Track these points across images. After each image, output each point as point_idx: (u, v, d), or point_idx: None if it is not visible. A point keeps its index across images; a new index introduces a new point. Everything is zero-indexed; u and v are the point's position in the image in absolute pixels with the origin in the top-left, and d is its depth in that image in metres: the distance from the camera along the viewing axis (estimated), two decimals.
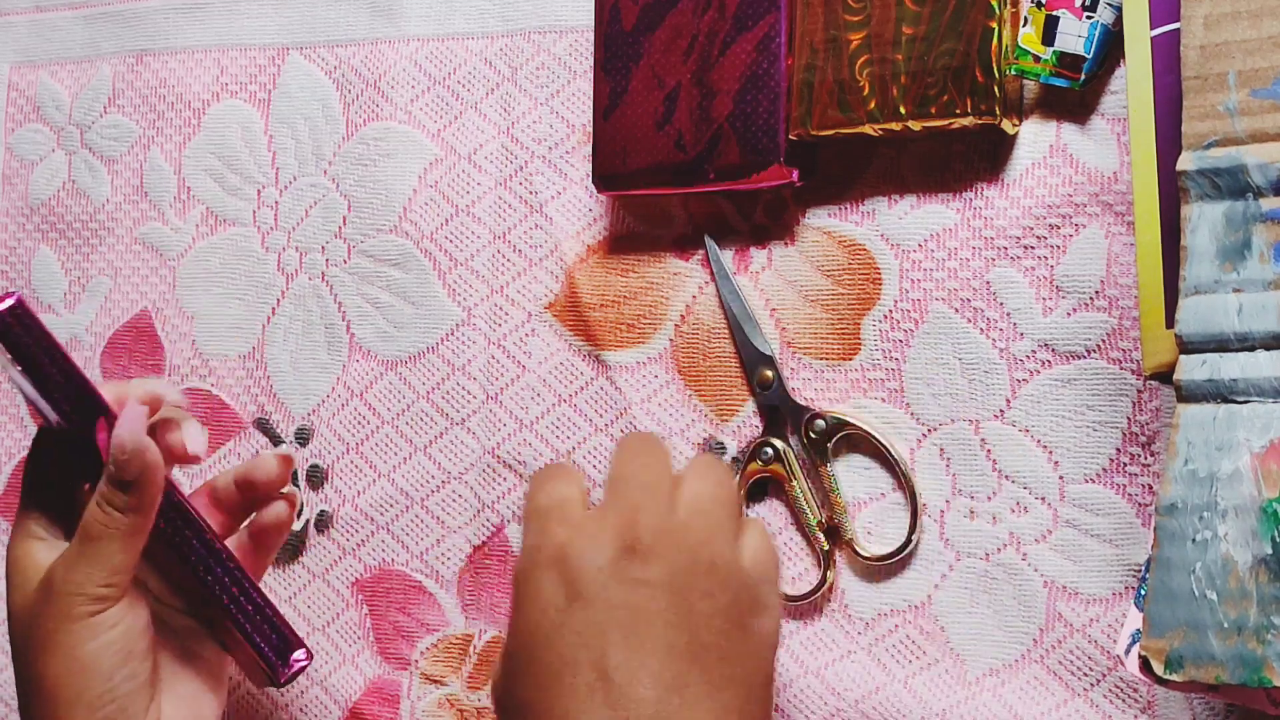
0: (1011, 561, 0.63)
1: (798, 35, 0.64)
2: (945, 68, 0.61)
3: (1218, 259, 0.51)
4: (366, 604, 0.74)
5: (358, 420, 0.75)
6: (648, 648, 0.50)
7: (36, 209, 0.83)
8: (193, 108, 0.80)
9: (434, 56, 0.75)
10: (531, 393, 0.72)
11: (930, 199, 0.65)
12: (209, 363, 0.78)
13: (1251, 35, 0.51)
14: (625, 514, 0.52)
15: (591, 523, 0.53)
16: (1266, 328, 0.49)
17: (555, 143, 0.72)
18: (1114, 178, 0.62)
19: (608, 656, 0.50)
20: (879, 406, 0.65)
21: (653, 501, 0.53)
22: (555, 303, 0.72)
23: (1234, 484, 0.49)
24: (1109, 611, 0.61)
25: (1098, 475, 0.62)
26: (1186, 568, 0.50)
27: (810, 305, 0.67)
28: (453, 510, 0.73)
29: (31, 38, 0.84)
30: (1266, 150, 0.50)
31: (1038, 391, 0.63)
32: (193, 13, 0.81)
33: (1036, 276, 0.63)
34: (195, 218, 0.79)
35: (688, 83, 0.66)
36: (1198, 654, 0.49)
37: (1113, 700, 0.61)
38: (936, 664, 0.64)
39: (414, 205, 0.74)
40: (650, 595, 0.51)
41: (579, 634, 0.51)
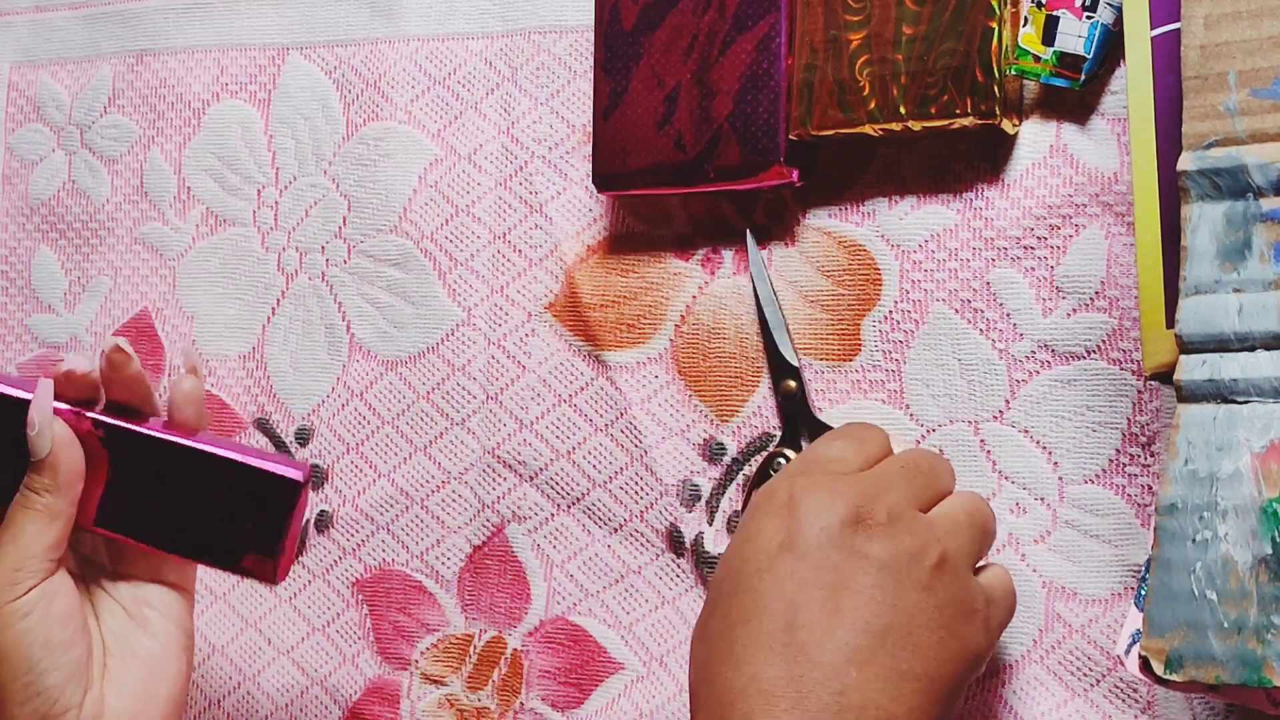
0: (1010, 562, 0.63)
1: (798, 35, 0.64)
2: (945, 68, 0.61)
3: (1218, 259, 0.50)
4: (367, 604, 0.74)
5: (358, 420, 0.75)
6: (843, 616, 0.51)
7: (36, 209, 0.83)
8: (193, 108, 0.80)
9: (434, 56, 0.75)
10: (531, 393, 0.72)
11: (930, 199, 0.65)
12: (209, 363, 0.78)
13: (1251, 35, 0.51)
14: (875, 487, 0.53)
15: (838, 483, 0.53)
16: (1266, 328, 0.49)
17: (555, 143, 0.72)
18: (1114, 178, 0.62)
19: (800, 612, 0.51)
20: (879, 407, 0.65)
21: (908, 489, 0.54)
22: (555, 303, 0.72)
23: (1234, 484, 0.49)
24: (1109, 612, 0.61)
25: (1097, 476, 0.62)
26: (1186, 568, 0.50)
27: (810, 306, 0.67)
28: (453, 510, 0.73)
29: (31, 38, 0.84)
30: (1267, 150, 0.50)
31: (1037, 392, 0.63)
32: (193, 13, 0.81)
33: (1036, 277, 0.63)
34: (195, 218, 0.79)
35: (688, 83, 0.66)
36: (1198, 654, 0.49)
37: (1113, 700, 0.61)
38: None
39: (414, 205, 0.74)
40: (862, 568, 0.51)
41: (780, 582, 0.51)
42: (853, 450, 0.57)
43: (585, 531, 0.70)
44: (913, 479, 0.55)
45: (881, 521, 0.52)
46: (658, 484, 0.69)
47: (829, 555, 0.52)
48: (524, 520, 0.71)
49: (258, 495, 0.62)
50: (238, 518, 0.63)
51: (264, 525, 0.63)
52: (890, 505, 0.53)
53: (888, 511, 0.53)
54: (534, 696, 0.71)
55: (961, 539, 0.54)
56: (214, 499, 0.63)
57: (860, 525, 0.52)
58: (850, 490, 0.53)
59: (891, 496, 0.54)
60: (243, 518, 0.63)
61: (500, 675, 0.71)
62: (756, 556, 0.53)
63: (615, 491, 0.70)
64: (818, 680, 0.50)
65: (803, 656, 0.50)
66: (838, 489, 0.53)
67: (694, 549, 0.68)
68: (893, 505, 0.53)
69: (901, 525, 0.53)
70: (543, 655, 0.71)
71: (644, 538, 0.69)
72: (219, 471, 0.63)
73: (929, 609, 0.52)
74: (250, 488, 0.63)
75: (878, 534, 0.52)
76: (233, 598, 0.76)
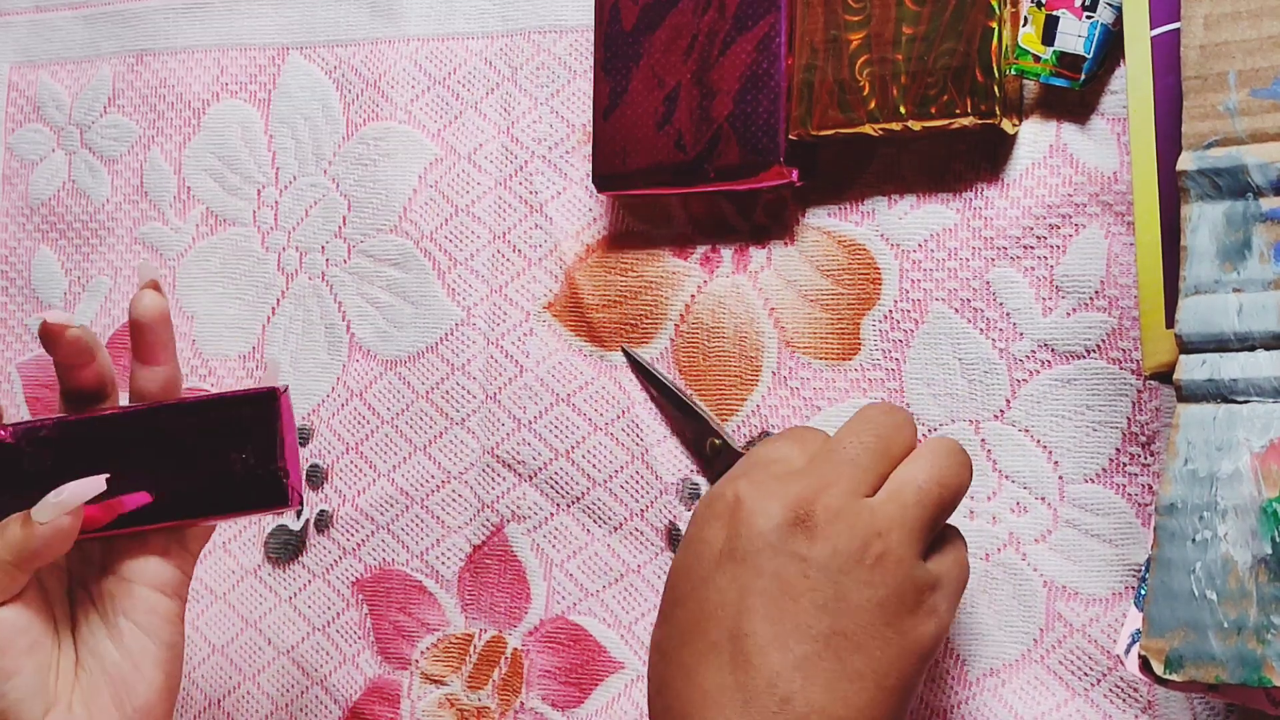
0: (1011, 561, 0.63)
1: (798, 35, 0.64)
2: (945, 68, 0.61)
3: (1218, 259, 0.50)
4: (367, 604, 0.74)
5: (358, 420, 0.75)
6: (786, 622, 0.50)
7: (36, 209, 0.83)
8: (193, 108, 0.80)
9: (434, 56, 0.75)
10: (531, 392, 0.72)
11: (930, 199, 0.65)
12: (209, 363, 0.78)
13: (1251, 35, 0.51)
14: (814, 486, 0.52)
15: (777, 485, 0.53)
16: (1266, 328, 0.49)
17: (555, 143, 0.72)
18: (1114, 178, 0.62)
19: (744, 620, 0.51)
20: None
21: (850, 479, 0.53)
22: (555, 302, 0.72)
23: (1234, 484, 0.49)
24: (1109, 611, 0.61)
25: (1098, 475, 0.62)
26: (1186, 568, 0.50)
27: (810, 305, 0.67)
28: (453, 510, 0.73)
29: (31, 38, 0.84)
30: (1266, 150, 0.50)
31: (1038, 391, 0.63)
32: (193, 13, 0.81)
33: (1036, 276, 0.63)
34: (195, 218, 0.79)
35: (688, 83, 0.66)
36: (1198, 654, 0.49)
37: (1113, 700, 0.61)
38: (937, 664, 0.64)
39: (414, 205, 0.74)
40: (802, 571, 0.51)
41: (722, 590, 0.51)
42: (795, 449, 0.56)
43: (585, 531, 0.70)
44: (857, 463, 0.54)
45: (821, 522, 0.52)
46: (657, 482, 0.69)
47: (770, 561, 0.51)
48: (524, 520, 0.71)
49: (239, 424, 0.60)
50: (228, 455, 0.60)
51: (257, 450, 0.60)
52: (829, 503, 0.52)
53: (826, 510, 0.52)
54: (534, 696, 0.71)
55: (909, 521, 0.53)
56: (196, 449, 0.60)
57: (799, 527, 0.52)
58: (789, 491, 0.53)
59: (832, 493, 0.52)
60: (233, 453, 0.60)
61: (500, 675, 0.71)
62: (701, 565, 0.52)
63: (615, 490, 0.70)
64: (763, 689, 0.50)
65: (748, 665, 0.50)
66: (777, 491, 0.53)
67: None
68: (832, 502, 0.52)
69: (841, 522, 0.52)
70: (543, 655, 0.71)
71: (644, 537, 0.69)
72: (191, 419, 0.60)
73: (871, 608, 0.51)
74: (228, 420, 0.60)
75: (817, 535, 0.52)
76: (233, 597, 0.76)
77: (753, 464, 0.55)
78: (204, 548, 0.64)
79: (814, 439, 0.56)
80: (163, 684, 0.60)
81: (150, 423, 0.61)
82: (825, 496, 0.52)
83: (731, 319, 0.68)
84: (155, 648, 0.60)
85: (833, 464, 0.54)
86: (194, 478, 0.60)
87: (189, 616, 0.77)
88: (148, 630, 0.60)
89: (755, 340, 0.68)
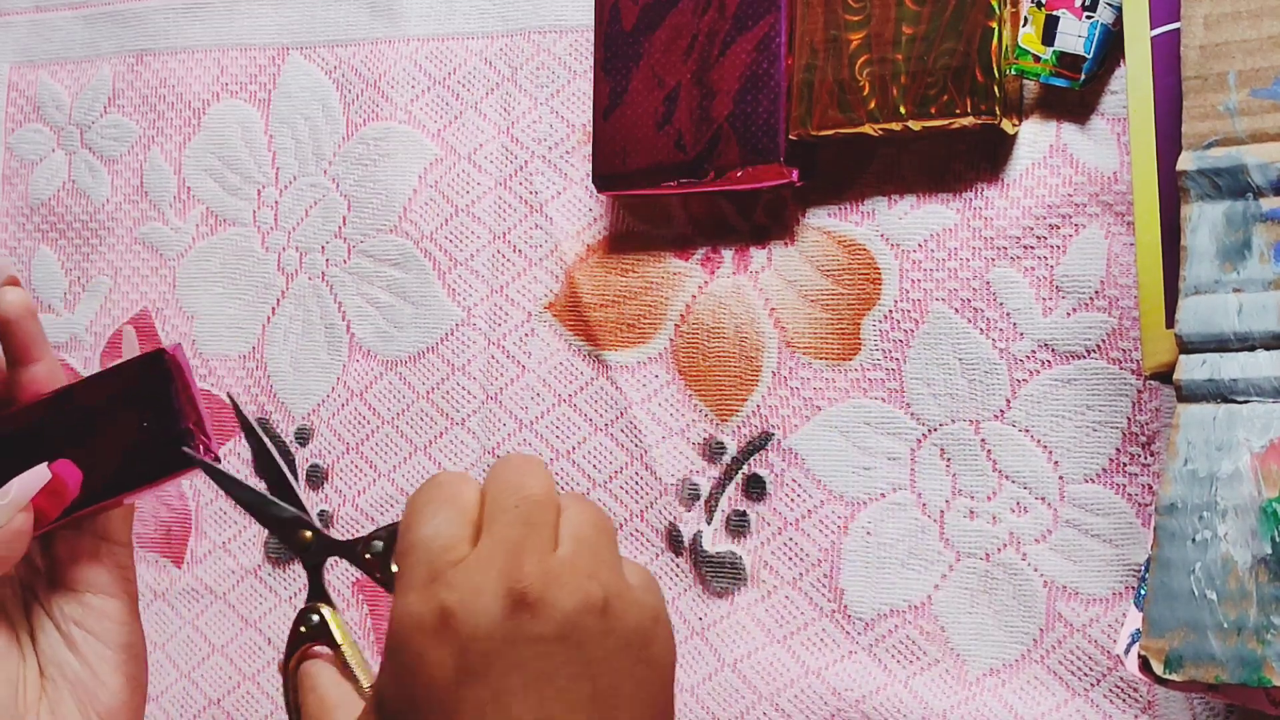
0: (1011, 561, 0.63)
1: (798, 35, 0.64)
2: (945, 68, 0.61)
3: (1218, 259, 0.50)
4: (367, 604, 0.74)
5: (358, 420, 0.75)
6: (550, 708, 0.47)
7: (36, 209, 0.83)
8: (193, 108, 0.80)
9: (434, 56, 0.75)
10: (531, 393, 0.72)
11: (930, 199, 0.65)
12: (209, 363, 0.78)
13: (1251, 35, 0.51)
14: (509, 557, 0.48)
15: (474, 574, 0.48)
16: (1266, 328, 0.49)
17: (555, 143, 0.72)
18: (1114, 178, 0.62)
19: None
20: (879, 406, 0.65)
21: (535, 537, 0.49)
22: (555, 303, 0.72)
23: (1234, 484, 0.49)
24: (1109, 611, 0.61)
25: (1098, 475, 0.62)
26: (1186, 568, 0.50)
27: (810, 305, 0.67)
28: None
29: (31, 38, 0.84)
30: (1266, 150, 0.50)
31: (1038, 391, 0.63)
32: (193, 13, 0.81)
33: (1036, 276, 0.63)
34: (195, 218, 0.79)
35: (688, 83, 0.66)
36: (1197, 654, 0.49)
37: (1113, 700, 0.61)
38: (937, 664, 0.64)
39: (414, 205, 0.74)
40: (547, 651, 0.47)
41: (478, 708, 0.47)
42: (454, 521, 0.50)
43: None
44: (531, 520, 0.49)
45: (538, 590, 0.47)
46: (657, 483, 0.69)
47: (509, 657, 0.47)
48: None
49: (137, 393, 0.58)
50: (136, 426, 0.58)
51: (161, 415, 0.58)
52: (535, 571, 0.48)
53: (536, 579, 0.48)
54: None
55: (603, 556, 0.49)
56: (104, 428, 0.59)
57: (521, 609, 0.47)
58: (491, 577, 0.48)
59: (532, 559, 0.48)
60: (140, 423, 0.58)
61: None
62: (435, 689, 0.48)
63: (615, 491, 0.70)
64: None
65: None
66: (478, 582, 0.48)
67: (692, 548, 0.68)
68: (537, 569, 0.48)
69: (556, 586, 0.48)
70: None
71: (643, 537, 0.69)
72: (90, 399, 0.59)
73: (619, 650, 0.48)
74: (126, 392, 0.59)
75: (541, 607, 0.47)
76: (232, 597, 0.76)
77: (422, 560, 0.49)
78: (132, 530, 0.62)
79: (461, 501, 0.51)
80: (123, 686, 0.59)
81: (53, 413, 0.59)
82: (528, 565, 0.48)
83: (732, 319, 0.68)
84: (111, 652, 0.59)
85: (510, 526, 0.49)
86: (110, 457, 0.59)
87: (189, 616, 0.77)
88: (100, 636, 0.59)
89: (755, 340, 0.68)
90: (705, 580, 0.68)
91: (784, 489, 0.67)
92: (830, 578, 0.66)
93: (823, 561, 0.66)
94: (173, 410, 0.58)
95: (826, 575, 0.66)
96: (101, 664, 0.59)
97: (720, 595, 0.68)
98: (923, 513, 0.64)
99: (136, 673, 0.60)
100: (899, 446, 0.65)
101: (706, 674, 0.68)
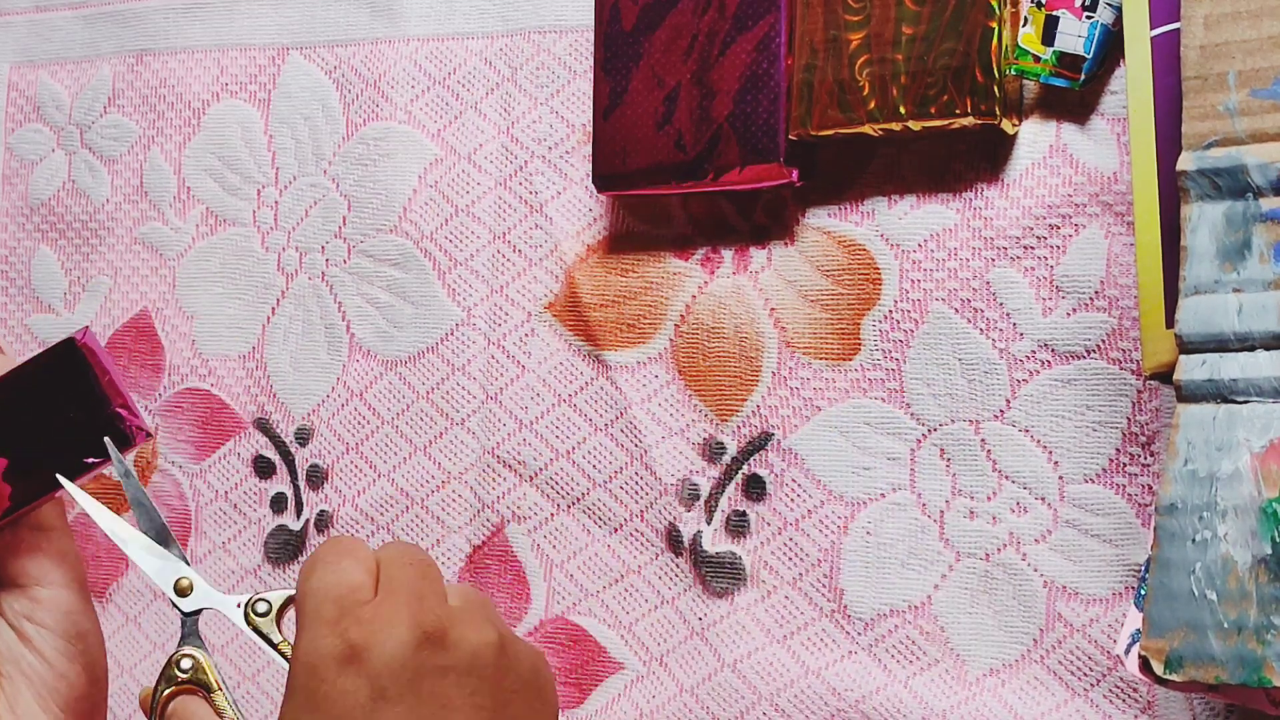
0: (1011, 561, 0.63)
1: (798, 35, 0.64)
2: (945, 68, 0.61)
3: (1218, 259, 0.50)
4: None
5: (358, 420, 0.75)
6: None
7: (36, 209, 0.83)
8: (193, 108, 0.80)
9: (434, 56, 0.75)
10: (531, 393, 0.72)
11: (930, 199, 0.65)
12: (209, 363, 0.78)
13: (1251, 35, 0.51)
14: (413, 600, 0.50)
15: (383, 612, 0.50)
16: (1266, 328, 0.49)
17: (555, 143, 0.72)
18: (1114, 178, 0.62)
19: None
20: (879, 407, 0.65)
21: (433, 588, 0.51)
22: (555, 303, 0.72)
23: (1234, 484, 0.49)
24: (1109, 611, 0.61)
25: (1098, 475, 0.62)
26: (1186, 568, 0.50)
27: (810, 305, 0.67)
28: (453, 510, 0.73)
29: (31, 38, 0.84)
30: (1266, 150, 0.50)
31: (1038, 391, 0.63)
32: (193, 13, 0.81)
33: (1036, 276, 0.63)
34: (195, 218, 0.79)
35: (688, 83, 0.66)
36: (1197, 654, 0.49)
37: (1113, 700, 0.61)
38: (937, 664, 0.64)
39: (414, 205, 0.74)
40: (457, 682, 0.49)
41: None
42: (356, 570, 0.52)
43: (585, 531, 0.70)
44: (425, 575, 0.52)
45: (446, 628, 0.50)
46: (657, 483, 0.69)
47: (422, 686, 0.49)
48: (524, 520, 0.72)
49: (56, 384, 0.58)
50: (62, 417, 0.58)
51: (84, 402, 0.58)
52: (436, 609, 0.50)
53: (442, 616, 0.50)
54: None
55: (490, 614, 0.52)
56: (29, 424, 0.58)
57: (432, 641, 0.50)
58: (398, 612, 0.50)
59: (430, 600, 0.51)
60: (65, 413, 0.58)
61: None
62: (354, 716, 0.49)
63: (615, 491, 0.70)
64: None
65: None
66: (388, 617, 0.50)
67: (692, 548, 0.68)
68: (437, 607, 0.50)
69: (459, 623, 0.50)
70: None
71: (643, 537, 0.69)
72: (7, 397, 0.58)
73: (517, 690, 0.51)
74: (43, 386, 0.58)
75: (448, 643, 0.50)
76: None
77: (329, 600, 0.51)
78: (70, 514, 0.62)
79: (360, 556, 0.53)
80: (80, 677, 0.59)
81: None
82: (432, 604, 0.50)
83: (732, 319, 0.68)
84: (65, 643, 0.59)
85: (409, 579, 0.51)
86: (41, 451, 0.59)
87: None
88: (52, 628, 0.59)
89: (755, 340, 0.68)
90: (705, 580, 0.68)
91: (784, 489, 0.67)
92: (830, 578, 0.66)
93: (823, 561, 0.66)
94: (96, 396, 0.58)
95: (826, 575, 0.66)
96: (57, 656, 0.59)
97: (720, 595, 0.68)
98: (923, 513, 0.64)
99: (94, 661, 0.60)
100: (899, 446, 0.65)
101: (706, 674, 0.68)
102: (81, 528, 0.80)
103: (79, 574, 0.61)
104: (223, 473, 0.78)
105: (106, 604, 0.79)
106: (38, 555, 0.59)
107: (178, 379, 0.79)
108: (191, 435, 0.78)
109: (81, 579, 0.61)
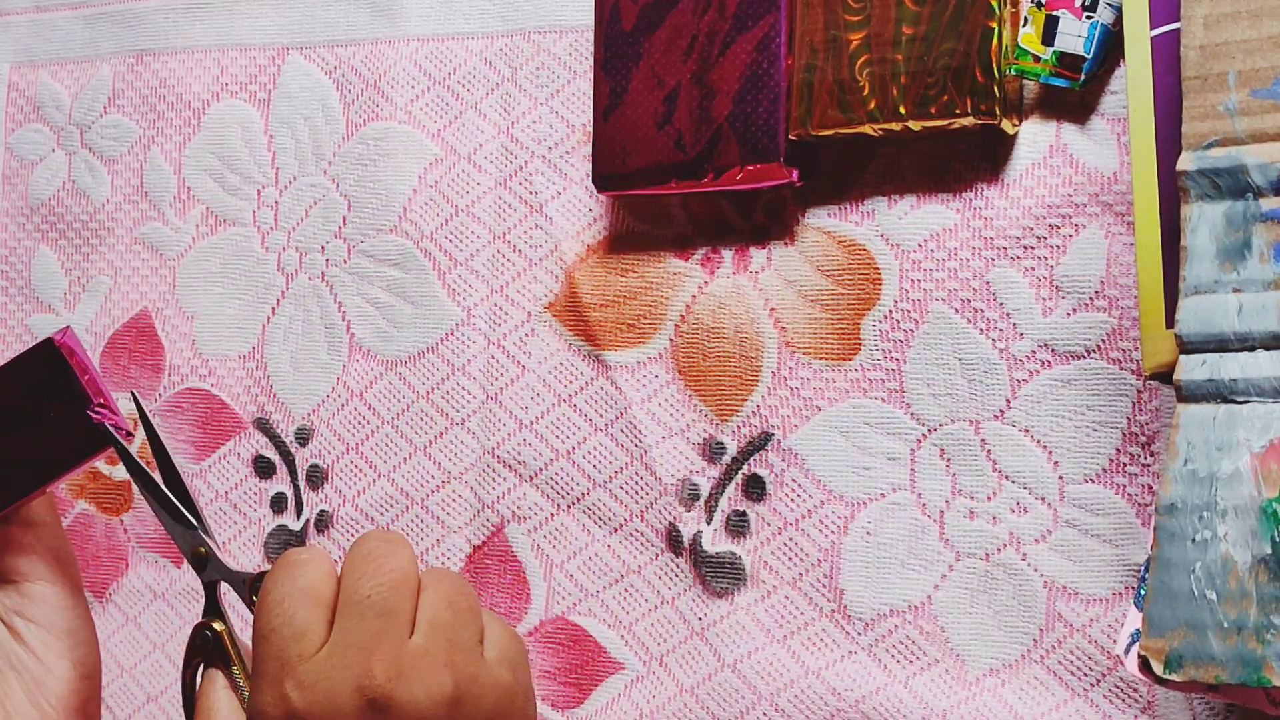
0: (1011, 561, 0.63)
1: (798, 35, 0.64)
2: (945, 68, 0.61)
3: (1218, 259, 0.50)
4: None
5: (358, 420, 0.75)
6: None
7: (36, 209, 0.83)
8: (193, 108, 0.80)
9: (434, 56, 0.75)
10: (531, 393, 0.72)
11: (930, 199, 0.65)
12: (209, 363, 0.78)
13: (1251, 35, 0.51)
14: (360, 653, 0.48)
15: (325, 673, 0.48)
16: (1266, 328, 0.49)
17: (555, 143, 0.72)
18: (1114, 178, 0.62)
19: None
20: (879, 407, 0.65)
21: (391, 629, 0.48)
22: (555, 303, 0.72)
23: (1234, 484, 0.49)
24: (1109, 611, 0.61)
25: (1098, 475, 0.62)
26: (1186, 568, 0.50)
27: (810, 305, 0.67)
28: (453, 510, 0.73)
29: (31, 38, 0.84)
30: (1266, 150, 0.50)
31: (1038, 391, 0.63)
32: (193, 13, 0.81)
33: (1036, 276, 0.63)
34: (195, 218, 0.79)
35: (688, 83, 0.66)
36: (1197, 654, 0.49)
37: (1113, 700, 0.61)
38: (937, 664, 0.64)
39: (414, 205, 0.75)
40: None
41: None
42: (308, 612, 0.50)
43: (585, 531, 0.70)
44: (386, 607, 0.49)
45: (389, 689, 0.47)
46: (657, 483, 0.69)
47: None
48: (524, 520, 0.72)
49: (37, 385, 0.59)
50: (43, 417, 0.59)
51: (65, 402, 0.58)
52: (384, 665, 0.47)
53: (388, 673, 0.47)
54: None
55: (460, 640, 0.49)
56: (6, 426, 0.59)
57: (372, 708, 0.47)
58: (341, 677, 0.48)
59: (383, 654, 0.48)
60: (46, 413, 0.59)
61: None
62: None
63: (615, 491, 0.70)
64: None
65: None
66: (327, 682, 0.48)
67: (692, 548, 0.68)
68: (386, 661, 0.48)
69: (406, 680, 0.48)
70: (542, 655, 0.71)
71: (643, 537, 0.69)
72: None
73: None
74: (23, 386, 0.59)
75: (392, 706, 0.47)
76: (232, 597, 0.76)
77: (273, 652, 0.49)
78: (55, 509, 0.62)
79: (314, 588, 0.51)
80: (71, 672, 0.59)
81: None
82: (379, 663, 0.48)
83: (732, 319, 0.68)
84: (54, 639, 0.59)
85: (363, 619, 0.49)
86: (25, 450, 0.59)
87: (188, 616, 0.77)
88: (44, 624, 0.59)
89: (755, 340, 0.68)
90: (705, 580, 0.68)
91: (784, 489, 0.67)
92: (830, 578, 0.66)
93: (823, 561, 0.66)
94: (76, 395, 0.58)
95: (826, 575, 0.66)
96: (48, 652, 0.59)
97: (720, 595, 0.68)
98: (923, 513, 0.64)
99: (85, 657, 0.60)
100: (899, 446, 0.65)
101: (706, 674, 0.68)
102: (81, 528, 0.80)
103: (71, 570, 0.61)
104: (223, 473, 0.78)
105: (106, 604, 0.79)
106: (28, 551, 0.60)
107: (178, 379, 0.79)
108: (191, 435, 0.78)
109: (74, 575, 0.61)
